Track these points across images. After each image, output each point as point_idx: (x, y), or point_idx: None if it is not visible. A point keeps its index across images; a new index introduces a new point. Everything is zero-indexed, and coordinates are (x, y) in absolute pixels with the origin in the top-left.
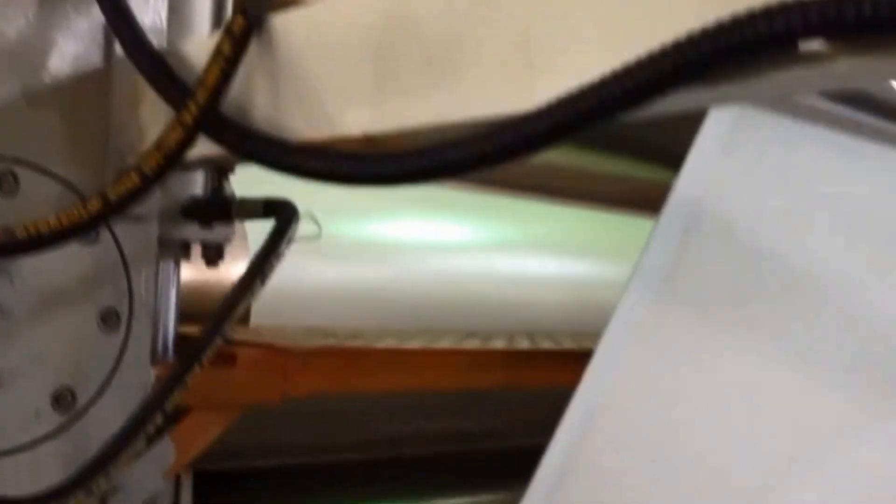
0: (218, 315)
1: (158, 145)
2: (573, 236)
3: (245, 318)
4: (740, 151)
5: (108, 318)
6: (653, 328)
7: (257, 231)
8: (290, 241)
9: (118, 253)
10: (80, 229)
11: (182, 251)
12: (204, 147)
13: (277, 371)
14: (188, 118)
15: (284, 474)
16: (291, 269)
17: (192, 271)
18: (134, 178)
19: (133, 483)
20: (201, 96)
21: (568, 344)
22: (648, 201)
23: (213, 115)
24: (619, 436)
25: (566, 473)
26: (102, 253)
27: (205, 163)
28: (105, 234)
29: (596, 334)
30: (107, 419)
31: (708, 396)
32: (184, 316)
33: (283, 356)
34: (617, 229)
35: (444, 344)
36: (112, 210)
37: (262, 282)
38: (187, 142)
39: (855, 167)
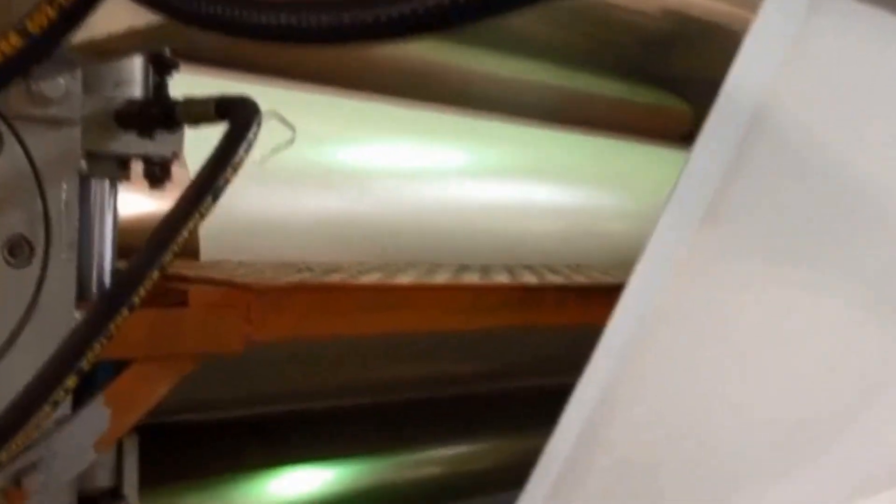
0: (154, 241)
1: None
2: (566, 162)
3: (193, 253)
4: (810, 47)
5: (17, 249)
6: (694, 258)
7: None
8: (249, 146)
9: (29, 166)
10: None
11: (119, 169)
12: (128, 14)
13: (239, 313)
14: None
15: (250, 426)
16: (255, 199)
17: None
18: (14, 41)
19: (57, 456)
20: None
21: (577, 278)
22: (644, 127)
23: None
24: (657, 378)
25: (599, 417)
26: (7, 165)
27: (135, 42)
28: (10, 141)
29: (593, 266)
30: (19, 377)
31: (757, 334)
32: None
33: (246, 295)
34: (608, 155)
35: (440, 279)
36: None
37: (214, 197)
38: None
39: None
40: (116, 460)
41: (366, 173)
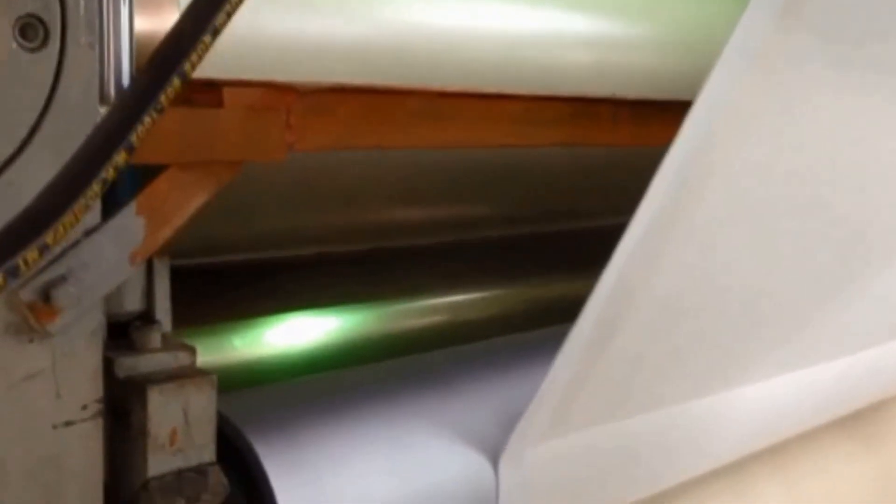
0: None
1: None
2: None
3: None
4: None
5: (31, 30)
6: (770, 61)
7: None
8: None
9: None
10: None
11: None
12: None
13: (279, 117)
14: None
15: (249, 272)
16: (263, 19)
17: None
18: None
19: (89, 268)
20: None
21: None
22: None
23: None
24: (726, 184)
25: (661, 229)
26: None
27: None
28: None
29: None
30: (39, 175)
31: (830, 141)
32: None
33: (287, 96)
34: None
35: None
36: None
37: None
38: None
39: None
40: (146, 282)
41: None
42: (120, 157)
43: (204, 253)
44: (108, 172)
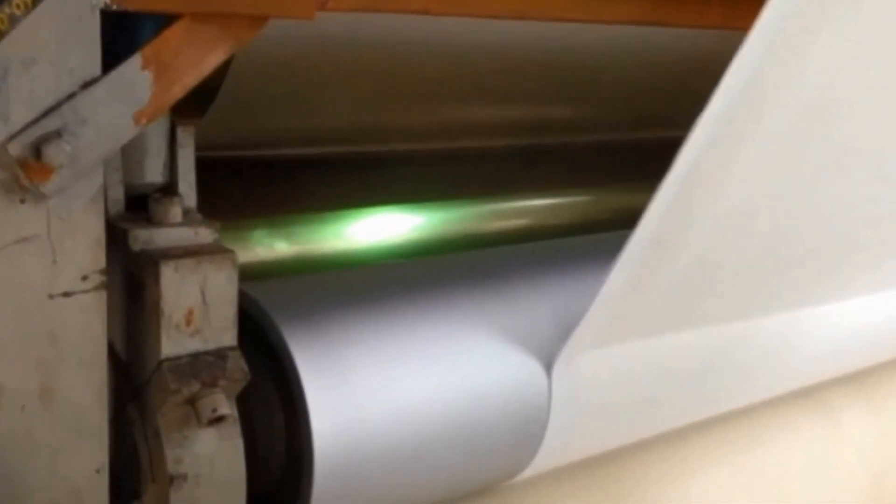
0: None
1: None
2: None
3: None
4: None
5: None
6: None
7: None
8: None
9: None
10: None
11: None
12: None
13: None
14: None
15: (339, 164)
16: None
17: None
18: None
19: (87, 125)
20: None
21: None
22: None
23: None
24: (808, 78)
25: (732, 130)
26: None
27: None
28: None
29: None
30: None
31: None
32: None
33: None
34: None
35: None
36: None
37: None
38: None
39: None
40: (169, 152)
41: None
42: None
43: (266, 145)
44: None
